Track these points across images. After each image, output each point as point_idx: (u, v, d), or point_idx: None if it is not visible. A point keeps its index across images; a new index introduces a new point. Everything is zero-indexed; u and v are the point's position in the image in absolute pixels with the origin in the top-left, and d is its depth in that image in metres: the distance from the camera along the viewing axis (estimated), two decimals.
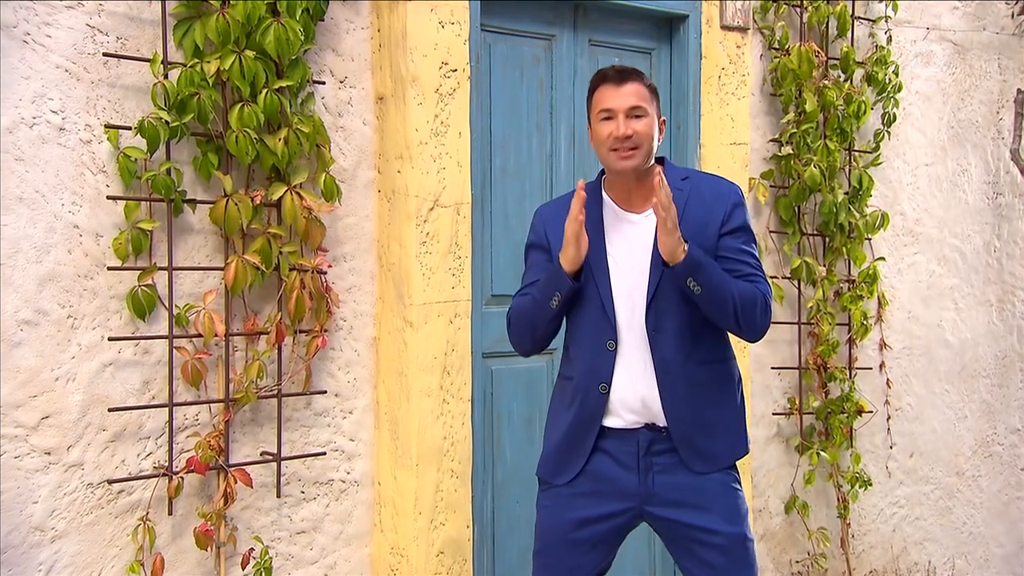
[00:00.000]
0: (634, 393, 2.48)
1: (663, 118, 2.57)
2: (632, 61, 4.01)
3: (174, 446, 3.10)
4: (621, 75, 2.48)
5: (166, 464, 3.09)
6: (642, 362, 2.47)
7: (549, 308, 2.47)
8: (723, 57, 4.15)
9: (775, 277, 4.38)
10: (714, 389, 2.51)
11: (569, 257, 2.42)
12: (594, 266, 2.49)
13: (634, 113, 2.44)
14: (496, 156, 3.72)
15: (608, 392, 2.49)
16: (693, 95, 4.07)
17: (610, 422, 2.51)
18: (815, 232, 4.52)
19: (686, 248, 2.36)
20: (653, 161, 2.54)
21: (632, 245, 2.50)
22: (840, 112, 4.47)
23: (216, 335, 3.10)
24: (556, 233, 2.55)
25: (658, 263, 2.44)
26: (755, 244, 2.55)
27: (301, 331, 3.31)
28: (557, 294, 2.45)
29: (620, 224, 2.53)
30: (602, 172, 2.63)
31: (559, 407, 2.63)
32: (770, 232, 4.38)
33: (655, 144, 2.50)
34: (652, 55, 4.12)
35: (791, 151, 4.34)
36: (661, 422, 2.48)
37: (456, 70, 3.47)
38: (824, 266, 4.48)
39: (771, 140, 4.42)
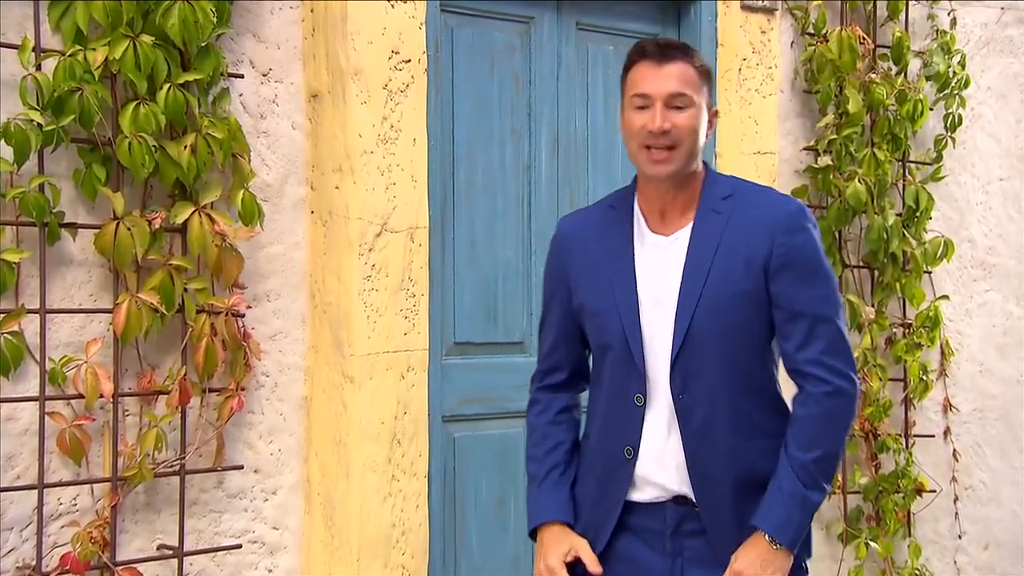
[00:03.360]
0: (662, 461, 2.51)
1: (715, 108, 2.57)
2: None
3: (45, 539, 3.05)
4: (664, 52, 2.47)
5: (34, 563, 3.04)
6: (670, 422, 2.50)
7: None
8: (744, 45, 4.17)
9: None
10: (758, 473, 2.49)
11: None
12: (620, 299, 2.50)
13: (675, 103, 2.45)
14: (460, 168, 3.73)
15: (635, 457, 2.51)
16: None
17: (634, 495, 2.54)
18: (860, 264, 4.54)
19: (781, 549, 2.43)
20: (699, 165, 2.55)
21: (657, 275, 2.52)
22: (891, 113, 4.49)
23: (102, 396, 3.07)
24: (581, 261, 2.56)
25: (688, 304, 2.45)
26: (832, 285, 2.51)
27: (211, 390, 3.28)
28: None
29: (648, 247, 2.54)
30: (635, 177, 2.62)
31: (582, 475, 2.65)
32: None
33: (701, 142, 2.50)
34: None
35: (830, 162, 4.36)
36: (692, 495, 2.50)
37: (409, 61, 3.48)
38: (872, 307, 4.50)
39: (805, 148, 4.45)
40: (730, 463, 2.47)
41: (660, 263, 2.52)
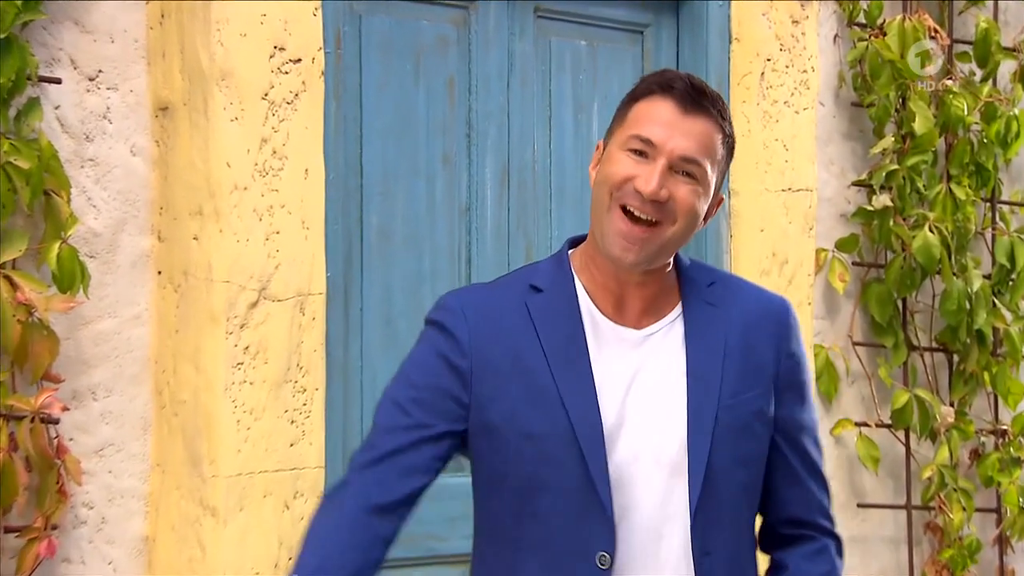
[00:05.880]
0: None
1: (722, 196, 2.60)
2: (611, 44, 4.08)
3: None
4: (696, 98, 2.49)
5: None
6: None
7: None
8: (769, 41, 4.20)
9: (865, 425, 4.41)
10: None
11: None
12: (577, 418, 2.49)
13: (685, 168, 2.46)
14: (371, 211, 3.74)
15: None
16: None
17: None
18: (934, 346, 4.57)
19: None
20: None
21: (628, 383, 2.53)
22: (975, 135, 4.53)
23: None
24: (499, 361, 2.52)
25: (703, 428, 2.48)
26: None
27: (9, 529, 3.24)
28: None
29: (608, 343, 2.55)
30: (570, 242, 2.67)
31: None
32: (854, 345, 4.43)
33: (690, 233, 2.53)
34: (645, 36, 4.18)
35: (890, 203, 4.37)
36: None
37: (300, 60, 3.49)
38: (951, 406, 4.51)
39: (854, 184, 4.48)
40: None
41: (631, 366, 2.52)
